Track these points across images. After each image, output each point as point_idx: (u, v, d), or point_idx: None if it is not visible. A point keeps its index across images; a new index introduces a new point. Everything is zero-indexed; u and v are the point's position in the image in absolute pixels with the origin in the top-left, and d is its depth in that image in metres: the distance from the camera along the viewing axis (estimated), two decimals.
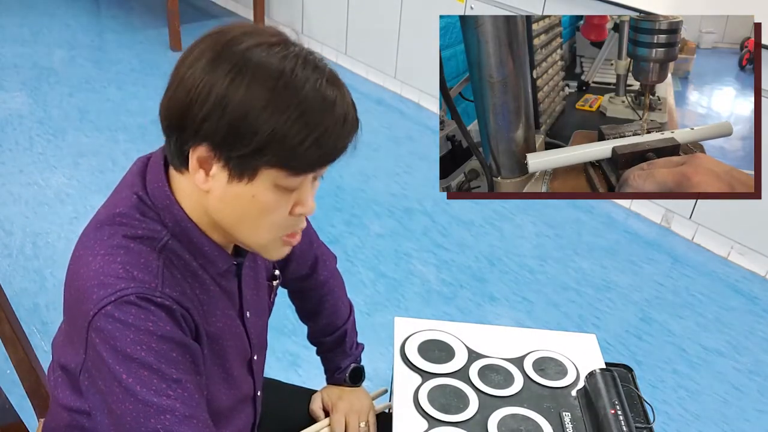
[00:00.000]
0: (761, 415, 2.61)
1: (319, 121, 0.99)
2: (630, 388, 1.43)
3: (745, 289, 3.30)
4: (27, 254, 3.12)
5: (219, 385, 1.21)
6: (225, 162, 1.01)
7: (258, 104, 0.97)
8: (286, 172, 1.01)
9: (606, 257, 3.43)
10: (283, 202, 1.05)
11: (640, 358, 2.81)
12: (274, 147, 0.98)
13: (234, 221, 1.07)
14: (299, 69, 0.99)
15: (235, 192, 1.03)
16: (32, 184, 3.65)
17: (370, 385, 1.63)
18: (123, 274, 1.02)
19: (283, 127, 0.97)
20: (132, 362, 1.01)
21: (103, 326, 1.01)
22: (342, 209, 3.65)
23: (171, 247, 1.09)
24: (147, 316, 1.01)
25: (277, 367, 2.59)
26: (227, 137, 0.99)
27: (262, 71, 0.98)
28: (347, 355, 1.60)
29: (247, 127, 0.97)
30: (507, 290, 3.15)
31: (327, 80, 1.01)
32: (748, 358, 2.87)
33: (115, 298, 1.01)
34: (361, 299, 3.00)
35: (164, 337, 1.02)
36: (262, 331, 1.37)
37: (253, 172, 1.01)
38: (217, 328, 1.17)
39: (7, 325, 1.49)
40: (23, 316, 1.52)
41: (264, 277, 1.34)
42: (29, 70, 4.92)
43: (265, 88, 0.97)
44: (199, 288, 1.13)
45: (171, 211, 1.09)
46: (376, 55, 5.04)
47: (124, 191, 1.13)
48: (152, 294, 1.02)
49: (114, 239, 1.07)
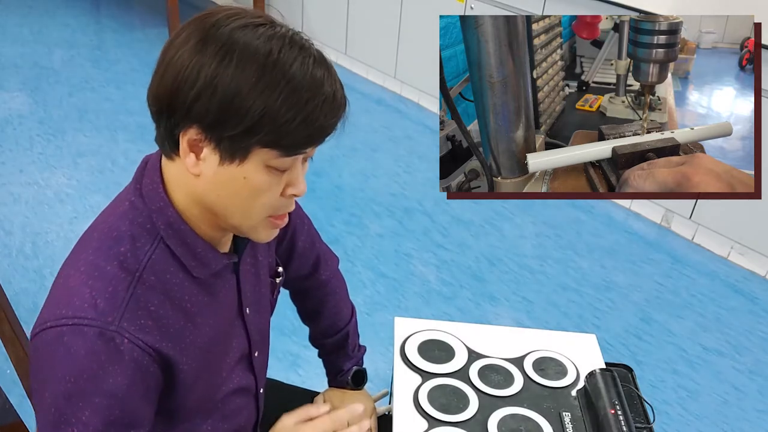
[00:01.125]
0: (761, 415, 2.61)
1: (308, 100, 0.99)
2: (630, 388, 1.43)
3: (745, 289, 3.30)
4: (27, 254, 3.13)
5: (208, 385, 1.20)
6: (216, 144, 1.01)
7: (247, 84, 0.97)
8: (277, 152, 1.01)
9: (606, 257, 3.44)
10: (275, 183, 1.05)
11: (640, 358, 2.81)
12: (264, 126, 0.98)
13: (226, 204, 1.07)
14: (286, 48, 0.99)
15: (226, 174, 1.03)
16: (32, 183, 3.65)
17: (370, 385, 1.63)
18: (88, 300, 1.02)
19: (273, 106, 0.97)
20: (58, 384, 1.01)
21: (52, 340, 1.01)
22: (342, 209, 3.65)
23: (156, 261, 1.08)
24: (90, 354, 1.00)
25: (277, 368, 2.59)
26: (218, 118, 0.99)
27: (249, 51, 0.98)
28: (349, 358, 1.60)
29: (238, 107, 0.97)
30: (507, 290, 3.15)
31: (314, 59, 1.01)
32: (748, 358, 2.87)
33: (72, 323, 1.01)
34: (361, 299, 3.00)
35: (94, 379, 1.01)
36: (264, 327, 1.37)
37: (244, 153, 1.01)
38: (205, 336, 1.16)
39: (7, 325, 1.49)
40: (23, 315, 1.52)
41: (266, 274, 1.34)
42: (29, 69, 4.93)
43: (254, 67, 0.97)
44: (185, 301, 1.12)
45: (165, 213, 1.09)
46: (376, 55, 5.04)
47: (120, 197, 1.14)
48: (107, 328, 1.01)
49: (97, 255, 1.06)
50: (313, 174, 3.91)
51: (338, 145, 4.25)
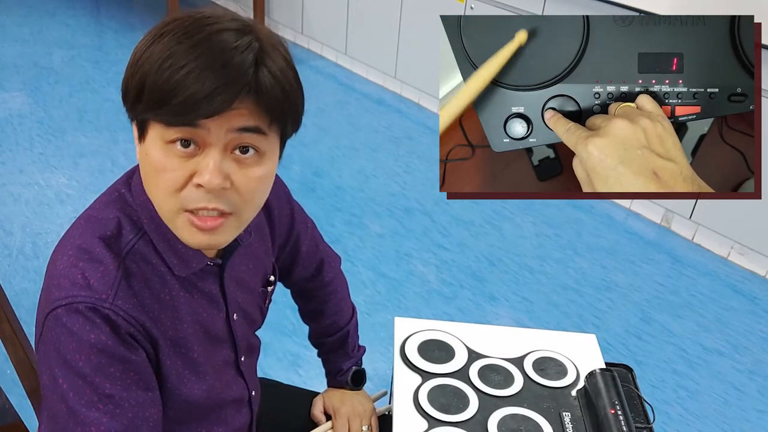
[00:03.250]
0: (761, 415, 2.61)
1: (185, 63, 0.93)
2: (630, 388, 1.43)
3: (745, 289, 3.30)
4: (27, 254, 3.12)
5: (195, 387, 1.18)
6: (132, 122, 1.02)
7: (138, 52, 0.97)
8: (162, 122, 0.96)
9: (606, 257, 3.44)
10: (176, 164, 0.98)
11: (640, 358, 2.81)
12: (144, 94, 0.95)
13: (147, 189, 1.05)
14: (210, 19, 0.97)
15: (139, 153, 1.03)
16: (32, 184, 3.65)
17: (369, 385, 1.63)
18: (80, 281, 1.02)
19: (151, 73, 0.94)
20: (69, 369, 1.00)
21: (52, 326, 1.01)
22: (342, 209, 3.65)
23: (138, 250, 1.08)
24: (91, 327, 1.00)
25: (277, 367, 2.59)
26: (123, 90, 1.00)
27: (168, 20, 0.98)
28: (349, 357, 1.60)
29: (129, 76, 0.97)
30: (507, 290, 3.15)
31: (233, 31, 0.97)
32: (748, 358, 2.87)
33: (66, 303, 1.00)
34: (361, 299, 3.00)
35: (103, 351, 1.01)
36: (252, 333, 1.36)
37: (143, 126, 1.00)
38: (186, 334, 1.14)
39: (7, 325, 1.49)
40: (23, 316, 1.52)
41: (257, 283, 1.32)
42: (29, 70, 4.93)
43: (148, 37, 0.97)
44: (165, 293, 1.11)
45: (148, 207, 1.08)
46: (376, 55, 5.04)
47: (111, 187, 1.14)
48: (101, 305, 1.01)
49: (84, 239, 1.06)
50: (314, 174, 3.91)
51: (338, 146, 4.26)
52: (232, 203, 1.02)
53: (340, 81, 5.07)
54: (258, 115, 0.98)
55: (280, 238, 1.38)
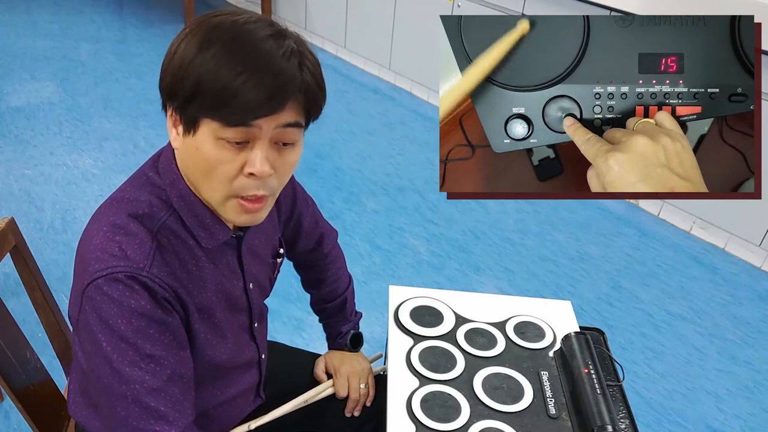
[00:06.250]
0: (720, 374, 2.61)
1: (242, 70, 0.93)
2: (602, 350, 1.42)
3: (705, 260, 3.30)
4: (57, 228, 3.11)
5: (218, 351, 1.20)
6: (179, 116, 1.00)
7: (191, 53, 0.95)
8: (219, 122, 0.96)
9: (580, 231, 3.43)
10: (228, 157, 0.99)
11: (611, 323, 2.81)
12: (200, 94, 0.94)
13: (194, 177, 1.05)
14: (239, 25, 0.96)
15: (188, 146, 1.01)
16: (61, 165, 3.63)
17: (367, 347, 1.63)
18: (117, 253, 1.01)
19: (209, 73, 0.93)
20: (112, 333, 1.00)
21: (93, 295, 1.00)
22: (341, 188, 3.63)
23: (169, 226, 1.08)
24: (131, 294, 1.00)
25: (283, 331, 2.59)
26: (170, 89, 0.98)
27: (205, 26, 0.97)
28: (347, 321, 1.60)
29: (181, 76, 0.95)
30: (491, 261, 3.15)
31: (273, 37, 0.96)
32: (708, 323, 2.87)
33: (106, 273, 1.00)
34: (358, 269, 2.99)
35: (143, 315, 1.01)
36: (263, 303, 1.37)
37: (193, 123, 0.98)
38: (210, 301, 1.15)
39: (39, 293, 1.48)
40: (53, 284, 1.52)
41: (268, 255, 1.33)
42: (59, 62, 4.89)
43: (199, 38, 0.95)
44: (192, 264, 1.11)
45: (177, 186, 1.08)
46: (372, 48, 5.01)
47: (138, 172, 1.13)
48: (139, 273, 1.01)
49: (117, 217, 1.05)
50: (315, 156, 3.90)
51: (338, 130, 4.24)
52: (272, 187, 1.05)
53: (339, 72, 5.04)
54: (301, 112, 1.00)
55: (285, 213, 1.38)
